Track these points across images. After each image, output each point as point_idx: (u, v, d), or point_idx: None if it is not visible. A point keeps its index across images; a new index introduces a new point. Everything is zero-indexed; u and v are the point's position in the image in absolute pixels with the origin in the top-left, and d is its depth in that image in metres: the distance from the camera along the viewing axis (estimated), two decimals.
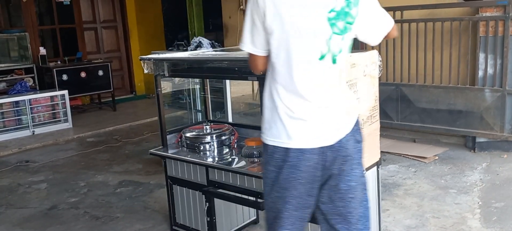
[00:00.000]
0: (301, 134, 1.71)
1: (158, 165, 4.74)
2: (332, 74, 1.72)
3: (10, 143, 6.25)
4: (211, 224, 2.95)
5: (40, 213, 3.84)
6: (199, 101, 4.61)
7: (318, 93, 1.72)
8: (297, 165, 1.72)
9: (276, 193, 1.79)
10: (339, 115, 1.77)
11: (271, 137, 1.76)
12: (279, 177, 1.76)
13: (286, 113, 1.71)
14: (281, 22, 1.64)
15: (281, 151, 1.74)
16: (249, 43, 1.77)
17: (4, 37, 8.01)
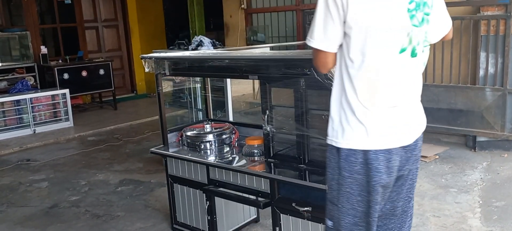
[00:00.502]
0: (382, 134, 1.62)
1: (158, 163, 4.75)
2: (412, 69, 1.65)
3: (11, 141, 6.26)
4: (212, 222, 2.95)
5: (41, 212, 3.84)
6: (200, 100, 4.61)
7: (400, 90, 1.65)
8: (378, 167, 1.62)
9: (357, 197, 1.67)
10: (418, 112, 1.71)
11: (346, 140, 1.64)
12: (359, 182, 1.65)
13: (365, 113, 1.61)
14: (364, 15, 1.54)
15: (359, 154, 1.63)
16: (322, 39, 1.62)
17: (5, 35, 8.02)
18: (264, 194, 2.55)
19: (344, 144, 1.65)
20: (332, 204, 1.75)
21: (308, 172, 2.40)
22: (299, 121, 2.39)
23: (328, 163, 1.73)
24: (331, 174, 1.72)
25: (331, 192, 1.74)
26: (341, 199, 1.70)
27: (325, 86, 2.15)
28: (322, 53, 1.66)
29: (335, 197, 1.72)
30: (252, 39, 7.42)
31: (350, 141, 1.64)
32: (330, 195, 1.75)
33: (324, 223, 1.86)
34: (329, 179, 1.73)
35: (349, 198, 1.69)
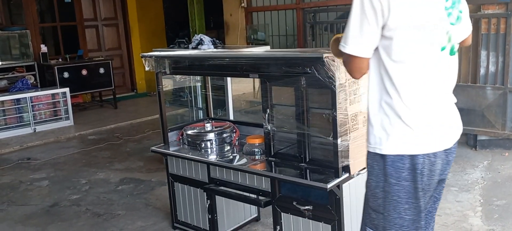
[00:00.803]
0: (428, 137, 1.58)
1: (159, 162, 4.75)
2: (452, 68, 1.64)
3: (12, 140, 6.26)
4: (212, 221, 2.95)
5: (41, 210, 3.84)
6: (200, 99, 4.60)
7: (442, 90, 1.63)
8: (424, 172, 1.59)
9: (405, 205, 1.62)
10: (456, 114, 1.69)
11: (392, 145, 1.58)
12: (407, 188, 1.60)
13: (410, 115, 1.57)
14: (408, 15, 1.50)
15: (406, 159, 1.57)
16: (357, 45, 1.56)
17: (5, 34, 8.02)
18: (265, 193, 2.55)
19: (390, 150, 1.59)
20: (376, 213, 1.68)
21: (309, 170, 2.40)
22: (300, 119, 2.39)
23: (371, 170, 1.66)
24: (375, 182, 1.65)
25: (376, 200, 1.67)
26: (388, 207, 1.64)
27: (325, 85, 2.16)
28: (357, 59, 1.60)
29: (381, 205, 1.66)
30: (252, 38, 7.41)
31: (396, 146, 1.59)
32: (374, 204, 1.68)
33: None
34: (373, 186, 1.66)
35: (396, 207, 1.63)
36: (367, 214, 1.73)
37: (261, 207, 2.58)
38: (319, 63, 2.12)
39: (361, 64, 1.62)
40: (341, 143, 2.20)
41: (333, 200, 2.26)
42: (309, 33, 6.09)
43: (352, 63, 1.63)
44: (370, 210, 1.71)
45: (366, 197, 1.73)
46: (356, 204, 2.39)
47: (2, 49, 7.98)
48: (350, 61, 1.63)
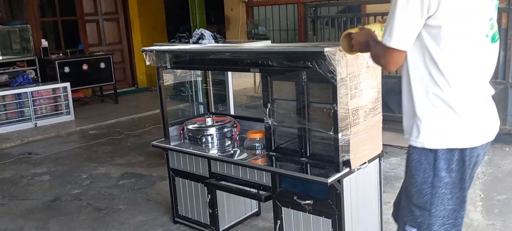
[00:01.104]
0: (478, 129, 1.59)
1: (160, 157, 4.75)
2: (493, 56, 1.63)
3: (13, 135, 6.27)
4: (213, 216, 2.96)
5: (43, 205, 3.85)
6: (201, 94, 4.60)
7: (486, 79, 1.63)
8: (470, 163, 1.61)
9: (448, 195, 1.62)
10: (494, 104, 1.69)
11: (442, 139, 1.58)
12: (454, 179, 1.60)
13: (460, 107, 1.56)
14: (455, 3, 1.50)
15: (456, 152, 1.58)
16: (401, 39, 1.55)
17: (5, 29, 8.01)
18: (266, 187, 2.55)
19: (443, 143, 1.58)
20: (421, 210, 1.65)
21: (309, 165, 2.40)
22: (301, 114, 2.39)
23: (417, 166, 1.63)
24: (422, 178, 1.63)
25: (422, 197, 1.64)
26: (435, 202, 1.62)
27: (326, 79, 2.15)
28: (398, 52, 1.59)
29: (427, 201, 1.63)
30: (253, 33, 7.40)
31: (448, 140, 1.58)
32: (419, 201, 1.65)
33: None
34: (419, 183, 1.64)
35: (443, 200, 1.62)
36: (409, 212, 1.69)
37: (262, 201, 2.59)
38: (320, 58, 2.12)
39: (400, 57, 1.61)
40: (342, 137, 2.20)
41: (333, 195, 2.27)
42: (310, 27, 6.07)
43: (391, 57, 1.61)
44: (414, 208, 1.67)
45: (409, 195, 1.69)
46: (356, 199, 2.40)
47: (2, 43, 7.97)
48: (390, 54, 1.60)
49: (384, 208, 2.90)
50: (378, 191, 2.59)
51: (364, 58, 2.25)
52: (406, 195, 1.72)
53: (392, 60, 1.62)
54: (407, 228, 1.72)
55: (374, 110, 2.41)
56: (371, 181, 2.52)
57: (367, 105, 2.34)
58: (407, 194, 1.71)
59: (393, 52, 1.60)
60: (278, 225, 2.53)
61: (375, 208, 2.59)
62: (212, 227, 2.99)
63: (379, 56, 1.66)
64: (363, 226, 2.48)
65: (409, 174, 1.69)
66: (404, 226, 1.74)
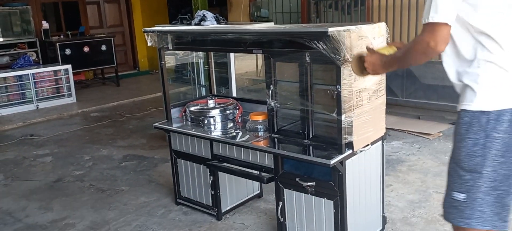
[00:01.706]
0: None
1: (161, 140, 4.76)
2: None
3: (15, 117, 6.28)
4: (215, 197, 2.96)
5: (45, 186, 3.87)
6: (203, 76, 4.58)
7: None
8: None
9: (501, 158, 1.64)
10: None
11: (495, 101, 1.62)
12: (505, 141, 1.63)
13: (507, 68, 1.62)
14: None
15: (508, 112, 1.62)
16: (447, 13, 1.59)
17: (6, 10, 7.96)
18: (268, 169, 2.55)
19: (494, 105, 1.62)
20: (471, 173, 1.67)
21: (312, 147, 2.39)
22: (304, 95, 2.38)
23: (469, 129, 1.66)
24: (473, 140, 1.65)
25: (473, 160, 1.66)
26: (487, 164, 1.65)
27: (330, 61, 2.13)
28: (446, 28, 1.61)
29: (478, 164, 1.65)
30: (255, 15, 7.34)
31: (501, 100, 1.62)
32: (469, 164, 1.67)
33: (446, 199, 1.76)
34: (470, 146, 1.66)
35: (494, 162, 1.65)
36: (457, 177, 1.71)
37: (264, 183, 2.59)
38: (325, 38, 2.09)
39: (449, 32, 1.62)
40: (345, 119, 2.19)
41: (336, 176, 2.26)
42: (313, 10, 6.02)
43: (441, 34, 1.62)
44: (463, 172, 1.69)
45: (457, 160, 1.71)
46: (358, 181, 2.40)
47: (3, 25, 7.93)
48: (440, 32, 1.61)
49: (386, 191, 2.91)
50: (380, 174, 2.59)
51: (369, 39, 2.22)
52: (454, 162, 1.73)
53: (443, 37, 1.62)
54: (455, 194, 1.71)
55: (378, 93, 2.40)
56: (374, 164, 2.52)
57: (371, 87, 2.33)
58: (456, 160, 1.72)
59: (443, 29, 1.61)
60: (280, 207, 2.54)
61: (377, 190, 2.60)
62: (214, 208, 3.01)
63: (425, 42, 1.64)
64: (364, 208, 2.49)
65: (459, 138, 1.70)
66: (451, 193, 1.73)
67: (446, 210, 1.76)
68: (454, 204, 1.71)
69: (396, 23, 5.13)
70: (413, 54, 1.71)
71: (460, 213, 1.70)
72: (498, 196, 1.66)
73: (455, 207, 1.71)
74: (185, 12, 8.11)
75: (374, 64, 1.88)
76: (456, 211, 1.71)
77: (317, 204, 2.37)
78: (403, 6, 5.06)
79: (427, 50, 1.64)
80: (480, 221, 1.68)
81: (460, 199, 1.69)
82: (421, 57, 1.70)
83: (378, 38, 2.28)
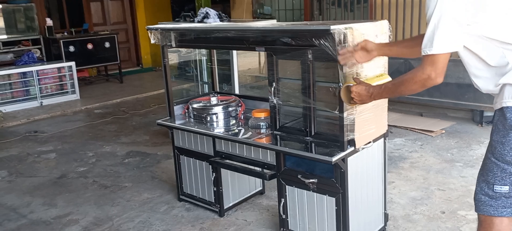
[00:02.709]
0: None
1: (164, 136, 4.78)
2: None
3: (19, 113, 6.31)
4: (218, 194, 2.98)
5: (49, 182, 3.90)
6: (206, 73, 4.59)
7: None
8: None
9: None
10: None
11: None
12: None
13: None
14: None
15: None
16: (452, 43, 1.64)
17: (10, 7, 7.99)
18: (270, 166, 2.56)
19: None
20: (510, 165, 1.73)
21: (314, 144, 2.40)
22: (306, 93, 2.38)
23: (504, 122, 1.72)
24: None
25: (510, 151, 1.72)
26: None
27: (332, 58, 2.14)
28: (447, 57, 1.66)
29: None
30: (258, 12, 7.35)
31: None
32: (508, 157, 1.73)
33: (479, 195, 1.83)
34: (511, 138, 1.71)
35: None
36: (500, 171, 1.77)
37: (266, 180, 2.60)
38: (327, 36, 2.10)
39: (447, 60, 1.68)
40: (347, 116, 2.20)
41: (338, 174, 2.28)
42: (316, 7, 6.01)
43: (443, 65, 1.68)
44: (506, 166, 1.74)
45: (499, 155, 1.76)
46: (360, 178, 2.41)
47: (7, 22, 7.96)
48: (441, 63, 1.66)
49: (388, 188, 2.92)
50: (382, 171, 2.60)
51: (371, 36, 2.23)
52: (495, 158, 1.78)
53: (443, 68, 1.68)
54: (497, 188, 1.77)
55: None
56: (376, 161, 2.53)
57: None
58: (498, 155, 1.77)
59: (444, 59, 1.66)
60: (282, 203, 2.55)
61: (379, 188, 2.60)
62: (216, 205, 3.02)
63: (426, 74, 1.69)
64: (366, 205, 2.50)
65: (502, 134, 1.74)
66: (492, 187, 1.78)
67: (483, 204, 1.81)
68: (496, 197, 1.77)
69: (399, 21, 5.12)
70: (410, 85, 1.76)
71: (502, 204, 1.76)
72: None
73: (496, 199, 1.77)
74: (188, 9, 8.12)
75: (360, 95, 1.95)
76: (498, 203, 1.77)
77: (319, 201, 2.39)
78: (406, 4, 5.05)
79: (427, 82, 1.70)
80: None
81: (503, 191, 1.75)
82: (418, 88, 1.76)
83: (381, 36, 2.29)
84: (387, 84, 1.94)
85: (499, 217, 1.78)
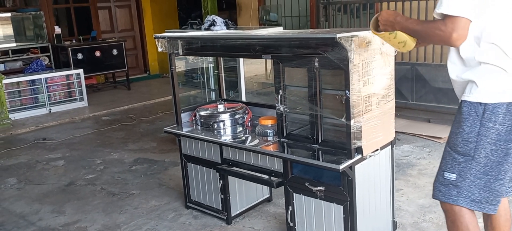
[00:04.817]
0: None
1: (172, 143, 4.79)
2: None
3: (28, 120, 6.37)
4: (225, 201, 2.98)
5: (58, 189, 3.93)
6: (212, 80, 4.62)
7: None
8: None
9: (493, 146, 1.81)
10: None
11: (492, 95, 1.78)
12: (499, 130, 1.80)
13: (506, 68, 1.77)
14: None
15: (504, 105, 1.78)
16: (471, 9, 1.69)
17: (19, 16, 8.08)
18: (277, 174, 2.56)
19: (491, 98, 1.79)
20: (464, 156, 1.85)
21: (321, 151, 2.40)
22: (313, 100, 2.39)
23: (467, 117, 1.83)
24: (470, 127, 1.83)
25: (467, 145, 1.84)
26: (479, 149, 1.82)
27: (338, 66, 2.14)
28: (468, 23, 1.70)
29: (472, 148, 1.83)
30: (264, 19, 7.37)
31: (497, 95, 1.78)
32: (463, 148, 1.85)
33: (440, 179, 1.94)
34: (466, 132, 1.84)
35: (486, 149, 1.82)
36: (451, 160, 1.89)
37: (273, 187, 2.60)
38: (333, 44, 2.10)
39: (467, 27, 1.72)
40: (354, 124, 2.20)
41: (345, 181, 2.27)
42: (322, 14, 6.02)
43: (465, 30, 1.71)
44: (457, 155, 1.87)
45: (453, 144, 1.89)
46: (368, 186, 2.40)
47: (17, 30, 8.05)
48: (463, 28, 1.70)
49: (396, 195, 2.90)
50: (390, 178, 2.59)
51: (377, 45, 2.23)
52: (449, 146, 1.91)
53: (465, 33, 1.70)
54: (446, 174, 1.90)
55: (387, 97, 2.40)
56: (383, 168, 2.52)
57: (379, 92, 2.33)
58: (451, 145, 1.90)
59: (466, 24, 1.69)
60: (289, 211, 2.55)
61: (387, 195, 2.59)
62: (223, 212, 3.02)
63: (449, 32, 1.71)
64: (374, 213, 2.49)
65: (457, 125, 1.87)
66: (442, 173, 1.92)
67: (436, 189, 1.96)
68: (444, 183, 1.91)
69: None
70: (431, 35, 1.80)
71: (449, 191, 1.90)
72: (488, 180, 1.84)
73: (445, 186, 1.91)
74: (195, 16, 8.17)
75: (386, 20, 1.94)
76: (446, 189, 1.91)
77: (327, 209, 2.38)
78: (412, 10, 5.04)
79: (448, 40, 1.73)
80: (467, 200, 1.87)
81: (451, 179, 1.89)
82: (436, 42, 1.87)
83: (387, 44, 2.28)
84: (413, 19, 1.94)
85: (454, 205, 1.89)
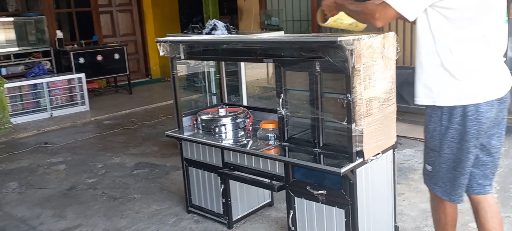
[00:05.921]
0: (478, 89, 1.90)
1: (173, 147, 4.79)
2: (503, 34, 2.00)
3: (29, 124, 6.38)
4: (226, 205, 2.98)
5: (59, 193, 3.92)
6: (214, 84, 4.62)
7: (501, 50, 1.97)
8: (472, 118, 1.92)
9: (457, 144, 1.97)
10: (505, 68, 2.01)
11: (447, 99, 1.93)
12: (458, 130, 1.95)
13: (462, 74, 1.90)
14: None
15: (459, 109, 1.92)
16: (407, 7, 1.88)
17: (21, 20, 8.11)
18: (279, 177, 2.56)
19: (447, 102, 1.94)
20: (433, 151, 2.06)
21: (322, 155, 2.40)
22: (314, 104, 2.38)
23: (430, 118, 2.03)
24: (433, 127, 2.03)
25: (433, 142, 2.04)
26: (443, 146, 2.01)
27: (340, 69, 2.14)
28: (395, 14, 1.91)
29: (437, 145, 2.03)
30: (266, 23, 7.38)
31: (450, 99, 1.93)
32: (431, 144, 2.06)
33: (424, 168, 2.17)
34: (431, 131, 2.04)
35: (449, 146, 1.99)
36: (426, 153, 2.12)
37: (275, 191, 2.59)
38: (334, 48, 2.10)
39: (393, 17, 1.93)
40: (356, 128, 2.19)
41: (347, 185, 2.26)
42: None
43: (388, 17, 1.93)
44: (428, 150, 2.09)
45: (425, 139, 2.11)
46: (370, 190, 2.39)
47: (18, 35, 8.08)
48: (388, 14, 1.91)
49: (398, 199, 2.89)
50: (391, 182, 2.58)
51: (378, 48, 2.23)
52: (425, 140, 2.12)
53: (387, 19, 1.93)
54: (426, 165, 2.14)
55: (388, 101, 2.39)
56: (385, 172, 2.51)
57: (381, 96, 2.33)
58: (425, 140, 2.11)
59: (392, 13, 1.90)
60: (291, 215, 2.54)
61: (389, 199, 2.58)
62: (225, 216, 3.02)
63: (373, 13, 1.93)
64: (376, 217, 2.48)
65: (426, 124, 2.08)
66: (425, 164, 2.16)
67: (423, 176, 2.21)
68: (426, 173, 2.16)
69: (406, 32, 5.11)
70: (360, 13, 2.06)
71: (429, 179, 2.15)
72: (455, 175, 2.03)
73: (427, 175, 2.16)
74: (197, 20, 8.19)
75: (328, 6, 2.23)
76: (428, 178, 2.16)
77: (328, 213, 2.37)
78: None
79: (371, 20, 1.97)
80: (441, 190, 2.10)
81: (428, 170, 2.13)
82: (361, 17, 2.10)
83: (388, 48, 2.29)
84: (351, 4, 2.15)
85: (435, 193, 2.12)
